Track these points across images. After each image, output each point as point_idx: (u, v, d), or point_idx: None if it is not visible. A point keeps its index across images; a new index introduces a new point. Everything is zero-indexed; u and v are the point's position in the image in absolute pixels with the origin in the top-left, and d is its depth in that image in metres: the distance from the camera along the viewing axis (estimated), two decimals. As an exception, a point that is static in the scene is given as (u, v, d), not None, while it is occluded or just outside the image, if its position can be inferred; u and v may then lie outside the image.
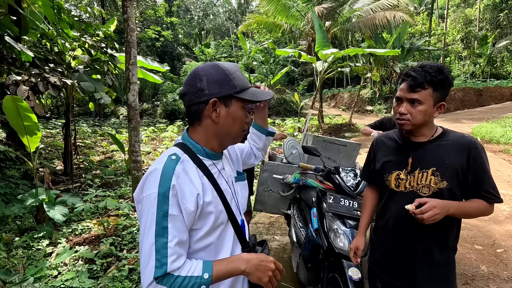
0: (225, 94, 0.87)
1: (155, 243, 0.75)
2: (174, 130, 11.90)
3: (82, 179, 5.26)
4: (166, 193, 0.77)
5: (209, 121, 0.89)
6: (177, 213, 0.77)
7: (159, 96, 21.19)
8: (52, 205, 3.14)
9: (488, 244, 3.13)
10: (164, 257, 0.74)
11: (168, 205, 0.77)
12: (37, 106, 3.78)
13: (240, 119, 0.92)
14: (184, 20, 30.55)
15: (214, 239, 0.88)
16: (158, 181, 0.78)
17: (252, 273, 0.83)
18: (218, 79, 0.86)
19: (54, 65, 4.52)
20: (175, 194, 0.78)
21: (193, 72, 0.89)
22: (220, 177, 0.94)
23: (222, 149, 0.98)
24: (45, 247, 2.84)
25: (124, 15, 3.61)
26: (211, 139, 0.92)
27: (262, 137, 1.26)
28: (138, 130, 3.90)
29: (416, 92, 1.17)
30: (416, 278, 1.29)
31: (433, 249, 1.26)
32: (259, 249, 1.01)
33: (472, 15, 25.32)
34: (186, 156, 0.88)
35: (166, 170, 0.80)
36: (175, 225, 0.77)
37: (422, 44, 16.69)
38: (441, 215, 1.10)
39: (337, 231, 1.77)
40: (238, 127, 0.92)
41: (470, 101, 18.41)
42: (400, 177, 1.28)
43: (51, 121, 14.94)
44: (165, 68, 6.92)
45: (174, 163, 0.82)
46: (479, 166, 1.16)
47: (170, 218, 0.76)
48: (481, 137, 9.33)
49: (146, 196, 0.79)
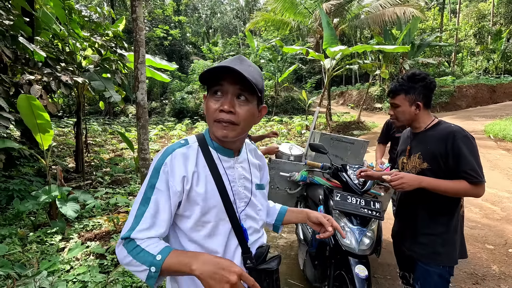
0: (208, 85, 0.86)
1: (137, 209, 0.82)
2: (182, 128, 12.01)
3: (93, 177, 5.37)
4: (158, 168, 0.84)
5: None
6: (164, 189, 0.82)
7: (167, 94, 21.40)
8: (64, 202, 3.22)
9: (500, 244, 3.07)
10: (136, 223, 0.80)
11: (157, 179, 0.83)
12: (49, 105, 3.87)
13: (207, 108, 0.86)
14: (192, 19, 30.69)
15: (204, 234, 0.87)
16: (159, 156, 0.86)
17: (204, 279, 0.71)
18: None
19: (65, 64, 4.61)
20: (166, 171, 0.83)
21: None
22: (229, 174, 0.92)
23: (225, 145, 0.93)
24: (57, 242, 2.92)
25: (133, 15, 3.65)
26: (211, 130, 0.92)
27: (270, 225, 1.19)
28: (146, 128, 3.95)
29: (393, 98, 1.59)
30: (408, 243, 1.60)
31: (421, 216, 1.54)
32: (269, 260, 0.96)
33: (485, 9, 24.64)
34: (196, 144, 0.91)
35: (167, 150, 0.87)
36: (158, 198, 0.82)
37: (433, 40, 16.33)
38: (409, 185, 1.42)
39: (344, 229, 1.77)
40: (208, 118, 0.87)
41: (483, 98, 17.96)
42: (403, 161, 1.66)
43: (63, 119, 15.28)
44: (173, 67, 6.97)
45: (177, 146, 0.88)
46: (457, 152, 1.39)
47: (155, 191, 0.82)
48: (494, 134, 9.11)
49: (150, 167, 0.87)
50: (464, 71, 25.19)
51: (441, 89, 17.87)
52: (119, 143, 9.26)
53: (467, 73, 24.30)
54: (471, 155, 1.37)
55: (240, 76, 0.79)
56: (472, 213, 3.85)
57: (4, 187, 3.86)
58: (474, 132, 10.15)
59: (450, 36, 24.24)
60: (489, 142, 8.51)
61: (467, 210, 3.93)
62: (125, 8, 22.49)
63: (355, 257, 1.69)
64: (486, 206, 4.04)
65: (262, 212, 1.02)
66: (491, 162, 6.36)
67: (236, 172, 0.94)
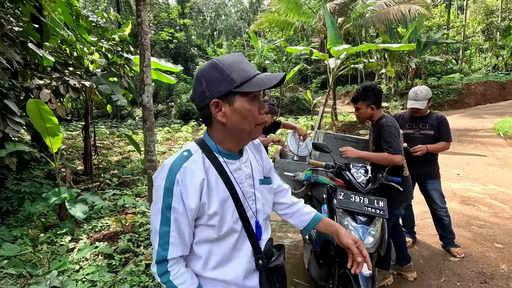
0: (225, 91, 0.83)
1: (159, 229, 0.85)
2: (188, 130, 12.11)
3: (101, 179, 5.47)
4: (170, 187, 0.83)
5: (218, 122, 0.88)
6: (180, 207, 0.84)
7: (173, 97, 21.59)
8: (73, 203, 3.29)
9: (509, 243, 3.02)
10: (166, 243, 0.84)
11: (172, 198, 0.83)
12: (59, 109, 3.97)
13: (249, 114, 0.85)
14: (196, 22, 30.92)
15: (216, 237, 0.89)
16: (165, 175, 0.84)
17: None
18: (215, 78, 0.83)
19: (73, 69, 4.71)
20: (179, 190, 0.83)
21: (197, 75, 0.88)
22: (236, 176, 0.93)
23: (239, 147, 0.95)
24: (67, 243, 2.98)
25: (138, 19, 3.72)
26: (224, 139, 0.91)
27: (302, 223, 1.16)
28: (152, 131, 4.01)
29: (356, 103, 2.27)
30: None
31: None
32: (276, 253, 1.00)
33: (494, 5, 24.20)
34: (199, 152, 0.90)
35: (173, 166, 0.85)
36: (177, 217, 0.84)
37: (439, 37, 16.13)
38: (352, 155, 2.16)
39: (347, 227, 1.77)
40: (249, 123, 0.86)
41: (493, 95, 17.63)
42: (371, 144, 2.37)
43: (72, 123, 15.55)
44: (178, 69, 7.05)
45: (183, 160, 0.86)
46: (382, 136, 2.11)
47: (173, 210, 0.84)
48: (504, 132, 8.94)
49: (155, 186, 0.87)
50: (473, 68, 24.77)
51: (449, 87, 17.62)
52: (126, 146, 9.39)
53: (475, 70, 23.89)
54: (389, 137, 2.08)
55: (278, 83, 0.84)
56: (481, 211, 3.80)
57: (16, 189, 3.96)
58: (483, 129, 9.99)
59: (458, 33, 23.88)
60: (498, 140, 8.36)
61: (475, 209, 3.87)
62: (131, 12, 22.79)
63: (359, 256, 1.69)
64: (495, 205, 3.98)
65: (267, 206, 1.03)
66: (500, 160, 6.25)
67: (242, 173, 0.95)
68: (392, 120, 2.16)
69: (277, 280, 0.99)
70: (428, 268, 2.65)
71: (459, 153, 6.94)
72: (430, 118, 2.80)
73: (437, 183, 2.82)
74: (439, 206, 2.80)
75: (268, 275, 0.96)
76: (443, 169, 3.42)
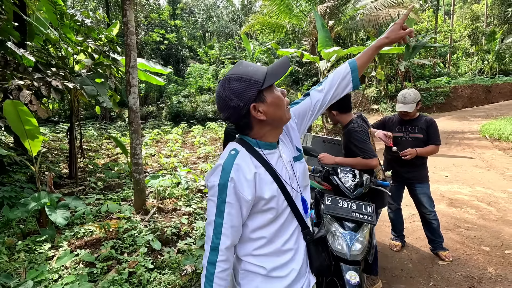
0: (256, 93, 0.93)
1: (214, 221, 0.94)
2: (178, 132, 11.96)
3: (86, 182, 5.30)
4: (225, 184, 0.92)
5: (259, 123, 0.98)
6: (234, 201, 0.93)
7: (164, 98, 21.35)
8: (54, 209, 3.16)
9: (496, 245, 3.03)
10: (219, 233, 0.93)
11: (226, 194, 0.93)
12: (40, 110, 3.82)
13: (280, 100, 0.97)
14: (188, 23, 30.72)
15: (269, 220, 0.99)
16: (219, 174, 0.94)
17: None
18: (241, 88, 0.92)
19: (56, 69, 4.56)
20: (233, 186, 0.92)
21: (219, 97, 0.96)
22: (279, 165, 1.02)
23: (279, 136, 1.06)
24: (46, 250, 2.85)
25: (123, 18, 3.62)
26: (264, 134, 1.01)
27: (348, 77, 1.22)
28: (139, 133, 3.91)
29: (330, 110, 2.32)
30: None
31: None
32: (315, 230, 1.13)
33: (479, 10, 24.86)
34: (244, 150, 0.98)
35: (226, 165, 0.95)
36: (230, 211, 0.93)
37: (428, 41, 16.43)
38: (329, 162, 2.18)
39: (335, 234, 1.73)
40: (283, 108, 0.98)
41: (479, 98, 18.05)
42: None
43: (59, 124, 15.17)
44: (167, 70, 6.96)
45: (233, 158, 0.96)
46: (352, 140, 2.13)
47: (227, 204, 0.93)
48: (490, 135, 9.12)
49: (210, 184, 0.96)
50: (460, 72, 25.34)
51: (437, 90, 17.95)
52: (114, 148, 9.19)
53: (462, 74, 24.44)
54: (359, 142, 2.10)
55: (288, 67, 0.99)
56: (468, 214, 3.83)
57: (-6, 194, 3.79)
58: (470, 132, 10.18)
59: (445, 37, 24.41)
60: (484, 142, 8.52)
61: (463, 212, 3.90)
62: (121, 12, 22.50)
63: (347, 263, 1.65)
64: (482, 207, 4.02)
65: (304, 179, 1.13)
66: (487, 162, 6.36)
67: (282, 160, 1.04)
68: (360, 124, 2.19)
69: (322, 250, 1.11)
70: (417, 272, 2.63)
71: (447, 155, 7.03)
72: (419, 121, 2.79)
73: (426, 186, 2.81)
74: (428, 210, 2.80)
75: (315, 246, 1.09)
76: (431, 171, 3.42)
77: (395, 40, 1.18)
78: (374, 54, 1.23)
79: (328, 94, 1.20)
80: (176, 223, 3.51)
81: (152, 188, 4.53)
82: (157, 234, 3.22)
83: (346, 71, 1.20)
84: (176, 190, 4.55)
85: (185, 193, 4.51)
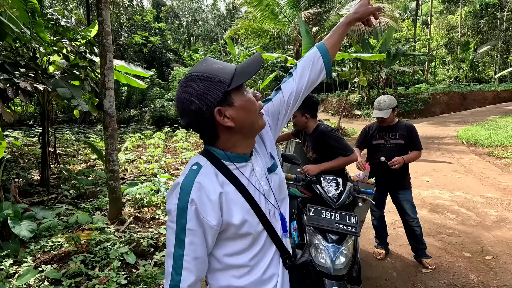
0: (221, 95, 0.78)
1: (173, 252, 0.78)
2: (161, 137, 11.64)
3: (59, 190, 4.99)
4: (184, 207, 0.77)
5: (227, 131, 0.83)
6: (196, 228, 0.77)
7: (146, 102, 20.85)
8: (19, 220, 2.91)
9: (477, 251, 3.05)
10: (179, 267, 0.77)
11: (186, 219, 0.77)
12: (5, 114, 3.55)
13: (251, 103, 0.83)
14: (172, 26, 30.38)
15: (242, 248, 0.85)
16: (178, 195, 0.78)
17: None
18: (204, 88, 0.77)
19: (26, 70, 4.29)
20: (194, 209, 0.77)
21: (178, 100, 0.81)
22: (251, 180, 0.87)
23: (252, 146, 0.91)
24: (7, 267, 2.60)
25: (98, 18, 3.45)
26: (234, 143, 0.85)
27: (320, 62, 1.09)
28: (115, 138, 3.71)
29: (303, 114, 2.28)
30: None
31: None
32: (299, 252, 1.00)
33: (454, 21, 26.05)
34: (209, 164, 0.83)
35: (185, 184, 0.79)
36: (192, 239, 0.78)
37: (407, 49, 17.00)
38: (315, 172, 2.11)
39: (318, 247, 1.64)
40: (254, 112, 0.83)
41: (455, 105, 18.81)
42: (307, 152, 2.45)
43: (34, 128, 14.43)
44: (149, 73, 6.76)
45: (194, 175, 0.80)
46: (329, 141, 2.17)
47: (188, 232, 0.77)
48: (467, 140, 9.44)
49: (167, 207, 0.81)
50: (437, 79, 26.37)
51: (416, 96, 18.55)
52: (92, 153, 8.80)
53: (440, 81, 25.44)
54: (336, 141, 2.16)
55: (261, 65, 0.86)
56: (449, 219, 3.87)
57: (-48, 205, 3.46)
58: (448, 137, 10.50)
59: (423, 46, 25.37)
60: (462, 147, 8.80)
61: (444, 217, 3.94)
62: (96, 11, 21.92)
63: (330, 278, 1.56)
64: (462, 212, 4.08)
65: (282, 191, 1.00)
66: (464, 167, 6.53)
67: (255, 173, 0.90)
68: (329, 126, 2.30)
69: (305, 277, 0.97)
70: (401, 281, 2.59)
71: (427, 160, 7.18)
72: (399, 127, 2.79)
73: (408, 193, 2.80)
74: (411, 216, 2.78)
75: (297, 274, 0.95)
76: (413, 176, 3.43)
77: (364, 15, 1.09)
78: (345, 32, 1.12)
79: (301, 84, 1.05)
80: (153, 233, 3.32)
81: (129, 196, 4.31)
82: (133, 245, 3.02)
83: (316, 56, 1.07)
84: (155, 198, 4.35)
85: (164, 201, 4.32)
